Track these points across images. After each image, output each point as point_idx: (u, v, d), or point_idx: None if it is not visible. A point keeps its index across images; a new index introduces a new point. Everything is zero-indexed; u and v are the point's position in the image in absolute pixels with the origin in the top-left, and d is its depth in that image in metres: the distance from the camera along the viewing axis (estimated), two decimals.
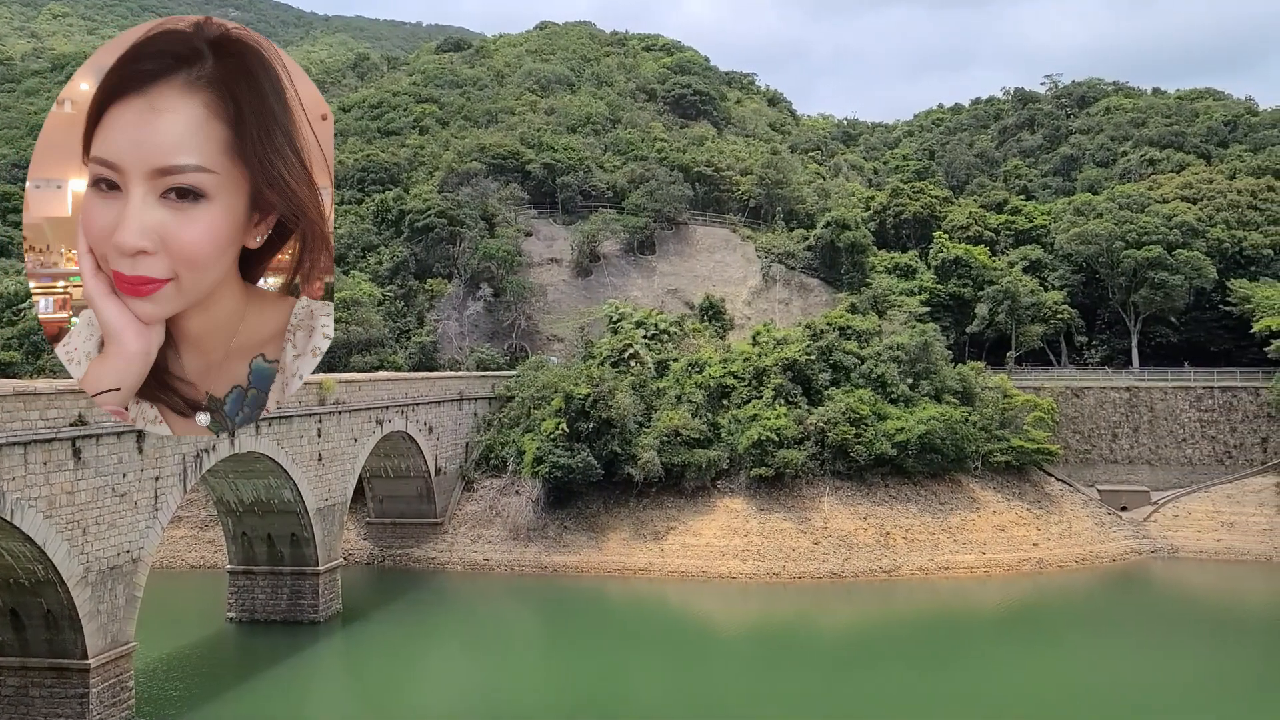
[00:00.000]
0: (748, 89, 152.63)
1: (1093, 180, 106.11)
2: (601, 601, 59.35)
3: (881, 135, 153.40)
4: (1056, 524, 69.06)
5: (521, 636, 54.82)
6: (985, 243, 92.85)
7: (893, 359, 73.75)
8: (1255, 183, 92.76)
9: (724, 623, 56.91)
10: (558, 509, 67.23)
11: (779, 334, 77.84)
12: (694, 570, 62.56)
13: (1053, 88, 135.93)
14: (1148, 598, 62.48)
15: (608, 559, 64.07)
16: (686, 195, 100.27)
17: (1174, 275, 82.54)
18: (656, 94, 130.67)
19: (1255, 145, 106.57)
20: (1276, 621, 58.82)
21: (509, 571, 64.29)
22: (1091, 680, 45.71)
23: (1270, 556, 67.41)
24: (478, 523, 68.24)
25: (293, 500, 50.47)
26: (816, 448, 68.02)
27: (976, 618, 57.52)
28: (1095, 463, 77.60)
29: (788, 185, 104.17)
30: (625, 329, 79.76)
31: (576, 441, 66.00)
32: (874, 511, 66.42)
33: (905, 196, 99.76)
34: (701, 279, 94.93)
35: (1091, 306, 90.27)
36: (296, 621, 51.63)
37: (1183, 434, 77.32)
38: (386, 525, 68.22)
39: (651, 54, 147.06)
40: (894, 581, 61.75)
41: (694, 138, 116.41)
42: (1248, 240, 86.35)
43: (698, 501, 67.12)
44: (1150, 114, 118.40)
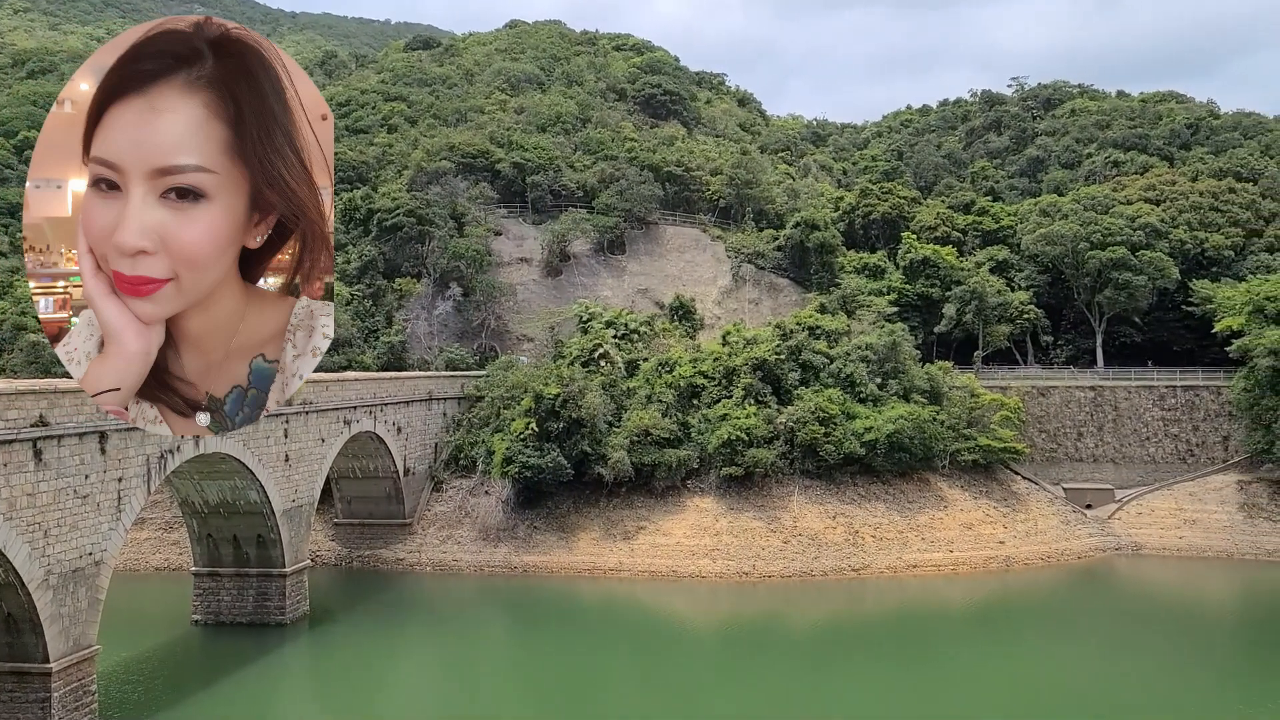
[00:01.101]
0: (718, 89, 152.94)
1: (1058, 182, 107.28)
2: (572, 602, 59.23)
3: (850, 136, 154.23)
4: (1023, 522, 69.75)
5: (491, 637, 54.59)
6: (953, 243, 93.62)
7: (861, 359, 74.19)
8: (1217, 185, 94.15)
9: (694, 622, 56.97)
10: (528, 509, 67.04)
11: (749, 334, 78.06)
12: (664, 570, 62.59)
13: (1019, 90, 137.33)
14: (1112, 595, 63.24)
15: (578, 559, 63.96)
16: (656, 195, 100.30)
17: (1138, 276, 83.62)
18: (626, 93, 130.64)
19: (1217, 148, 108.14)
20: (1237, 617, 59.79)
21: (479, 572, 64.02)
22: (1057, 677, 46.22)
23: (1231, 553, 68.44)
24: (447, 523, 67.90)
25: (259, 501, 49.97)
26: (786, 447, 68.29)
27: (945, 616, 57.96)
28: (1061, 461, 78.46)
29: (757, 185, 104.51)
30: (595, 329, 79.68)
31: (546, 441, 65.84)
32: (843, 510, 66.76)
33: (874, 197, 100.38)
34: (671, 279, 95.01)
35: (1057, 307, 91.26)
36: (263, 624, 51.11)
37: (1146, 433, 78.35)
38: (355, 526, 67.71)
39: (622, 53, 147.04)
40: (863, 580, 62.09)
41: (664, 137, 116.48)
42: (1209, 241, 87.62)
43: (668, 501, 67.17)
44: (1115, 116, 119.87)
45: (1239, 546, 68.74)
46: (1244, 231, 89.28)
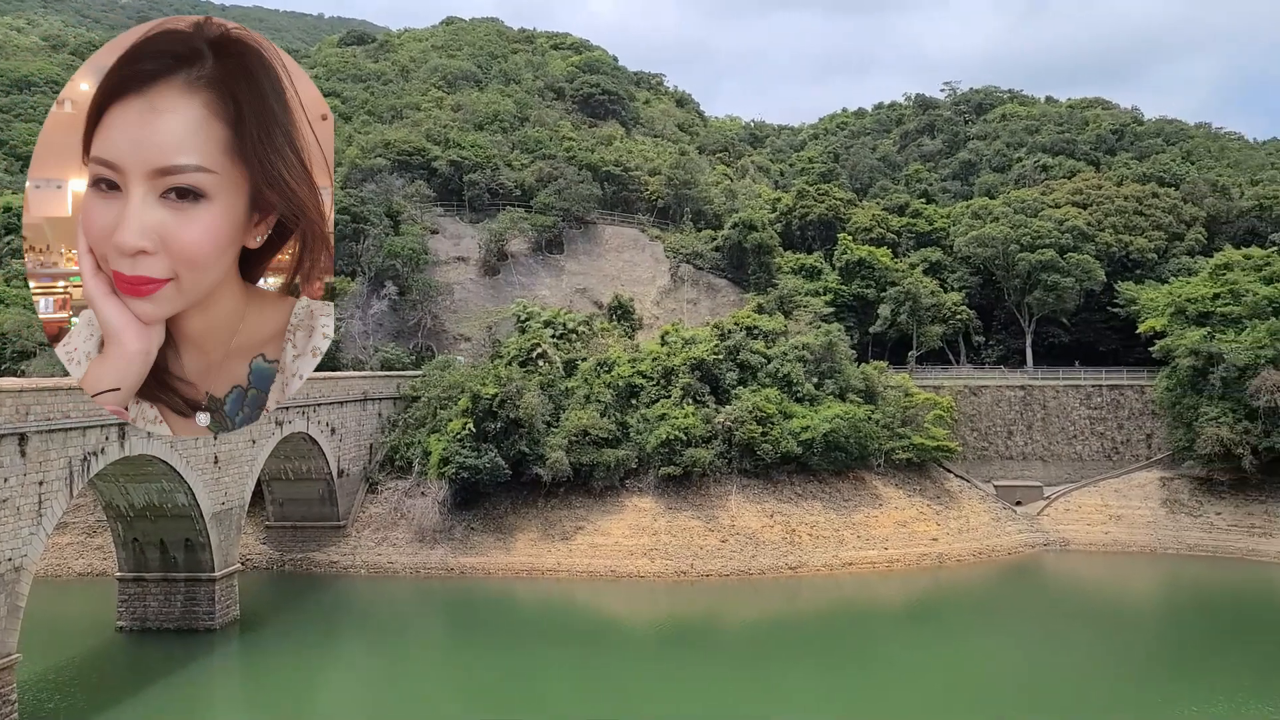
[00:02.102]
0: (656, 89, 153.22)
1: (990, 185, 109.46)
2: (509, 603, 58.81)
3: (788, 138, 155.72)
4: (955, 519, 70.95)
5: (427, 640, 53.95)
6: (888, 244, 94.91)
7: (798, 358, 74.82)
8: (1140, 189, 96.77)
9: (632, 622, 56.94)
10: (465, 510, 66.42)
11: (687, 334, 78.29)
12: (602, 570, 62.46)
13: (951, 94, 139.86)
14: (1041, 590, 64.65)
15: (516, 560, 63.54)
16: (595, 195, 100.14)
17: (1065, 278, 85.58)
18: (565, 92, 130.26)
19: (1140, 153, 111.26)
20: (1160, 611, 61.52)
21: (415, 574, 63.25)
22: (989, 672, 47.12)
23: (1154, 548, 70.36)
24: (382, 525, 66.97)
25: (187, 504, 48.73)
26: (724, 446, 68.60)
27: (880, 613, 58.73)
28: (992, 459, 79.98)
29: (696, 186, 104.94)
30: (533, 328, 79.24)
31: (484, 442, 65.30)
32: (780, 509, 67.25)
33: (810, 199, 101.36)
34: (610, 278, 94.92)
35: (989, 307, 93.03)
36: (191, 629, 49.86)
37: (1073, 431, 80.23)
38: (287, 529, 66.44)
39: (560, 52, 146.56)
40: (800, 578, 62.62)
41: (602, 137, 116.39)
42: (1134, 244, 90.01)
43: (606, 501, 67.04)
44: (1043, 122, 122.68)
45: (1161, 541, 70.70)
46: (1166, 235, 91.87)
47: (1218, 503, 71.31)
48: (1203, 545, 69.27)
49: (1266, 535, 67.99)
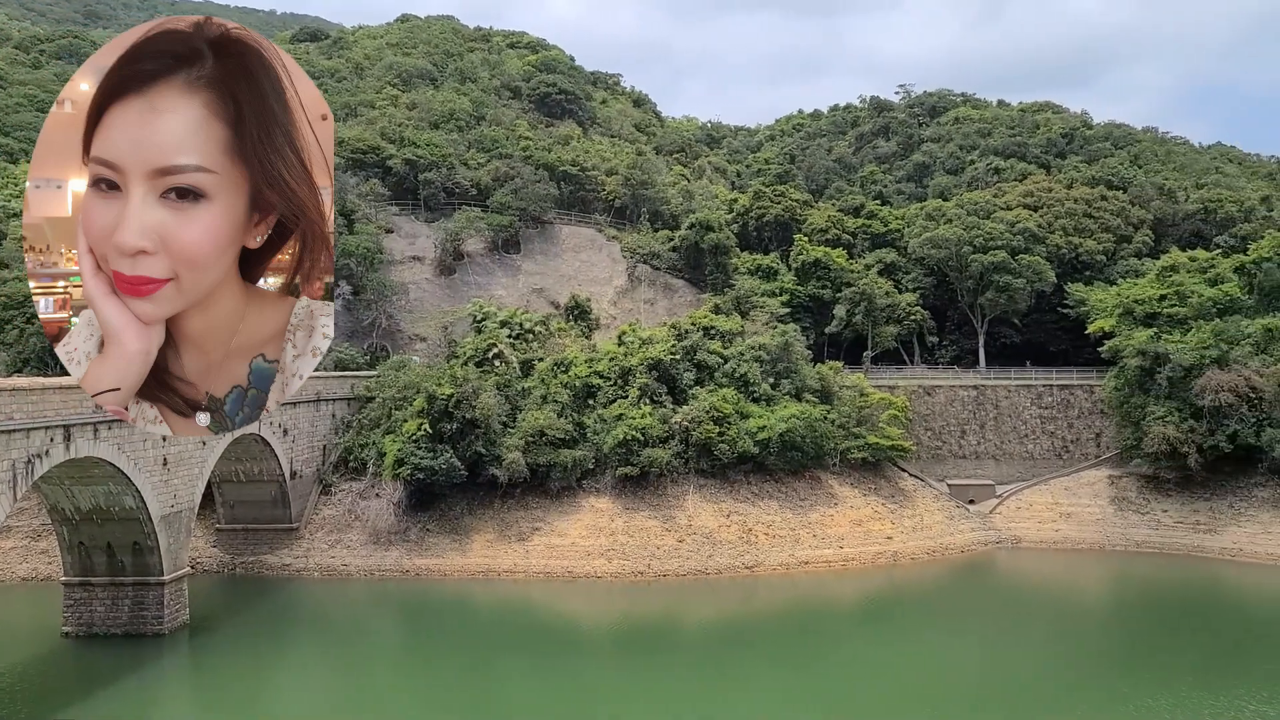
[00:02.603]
0: (613, 89, 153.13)
1: (943, 187, 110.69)
2: (465, 605, 58.40)
3: (744, 139, 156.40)
4: (910, 518, 71.63)
5: (382, 643, 53.37)
6: (843, 245, 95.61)
7: (755, 359, 75.12)
8: (1090, 192, 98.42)
9: (590, 623, 56.79)
10: (420, 511, 65.83)
11: (644, 334, 78.27)
12: (560, 571, 62.24)
13: (906, 97, 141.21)
14: (994, 587, 65.49)
15: (472, 561, 63.11)
16: (552, 194, 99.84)
17: (1017, 279, 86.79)
18: (521, 92, 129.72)
19: (1090, 157, 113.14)
20: (1108, 607, 62.58)
21: (369, 576, 62.58)
22: (942, 670, 47.60)
23: (1103, 545, 71.56)
24: (335, 527, 66.18)
25: (135, 507, 47.78)
26: (681, 446, 68.65)
27: (835, 611, 59.13)
28: (945, 458, 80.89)
29: (653, 186, 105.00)
30: (490, 328, 78.77)
31: (439, 443, 64.76)
32: (737, 509, 67.46)
33: (767, 199, 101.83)
34: (567, 278, 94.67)
35: (942, 308, 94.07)
36: (139, 634, 48.88)
37: (1025, 430, 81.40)
38: (238, 532, 65.43)
39: (516, 51, 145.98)
40: (756, 577, 62.84)
41: (559, 137, 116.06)
42: (1083, 246, 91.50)
43: (563, 502, 66.81)
44: (995, 125, 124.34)
45: (1110, 539, 71.92)
46: (1115, 237, 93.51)
47: (1164, 500, 72.69)
48: (1150, 542, 70.57)
49: (1211, 532, 69.41)
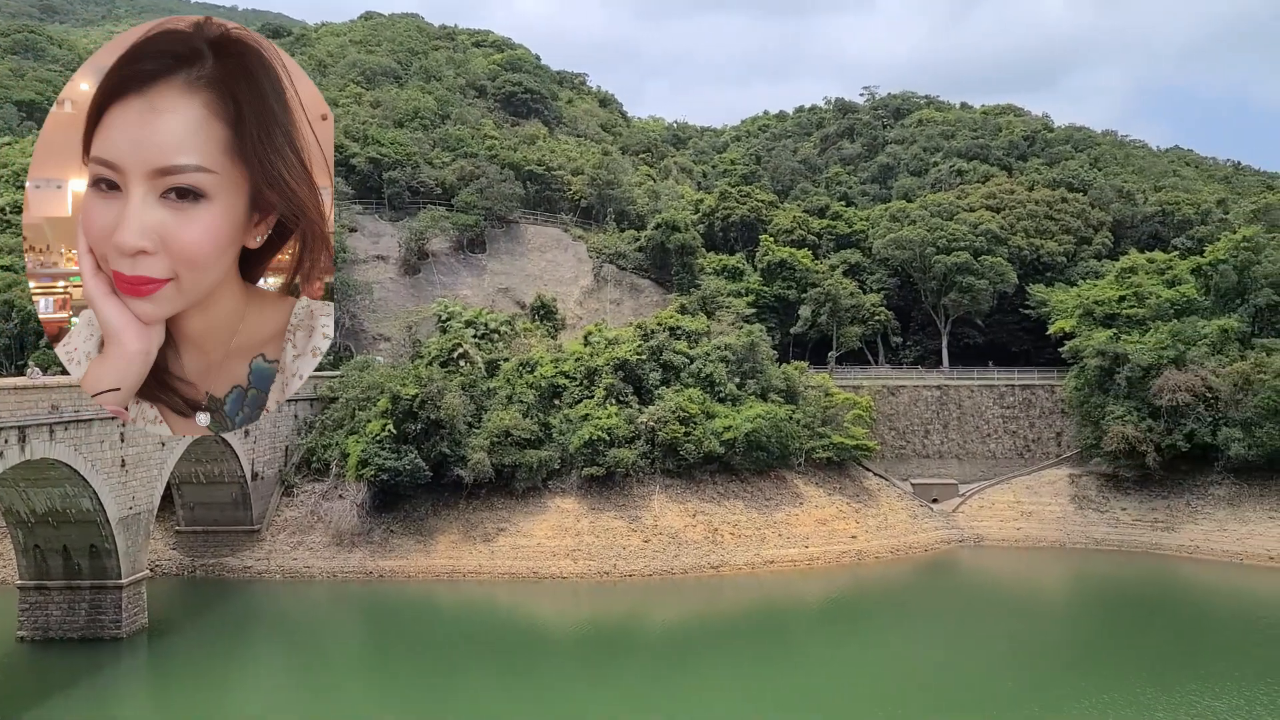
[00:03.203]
0: (579, 89, 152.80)
1: (907, 188, 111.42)
2: (429, 606, 58.02)
3: (710, 139, 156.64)
4: (874, 516, 72.09)
5: (345, 646, 52.92)
6: (808, 246, 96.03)
7: (721, 359, 75.26)
8: (1051, 194, 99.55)
9: (555, 623, 56.63)
10: (384, 513, 65.32)
11: (610, 334, 78.18)
12: (525, 571, 62.01)
13: (870, 99, 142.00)
14: (956, 585, 66.06)
15: (436, 562, 62.71)
16: (518, 194, 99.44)
17: (979, 280, 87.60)
18: (487, 91, 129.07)
19: (1051, 159, 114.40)
20: (1068, 604, 63.37)
21: (332, 579, 61.99)
22: (905, 668, 47.94)
23: (1064, 543, 72.42)
24: (298, 529, 65.50)
25: (92, 509, 47.02)
26: (647, 446, 68.63)
27: (800, 611, 59.36)
28: (909, 457, 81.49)
29: (619, 186, 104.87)
30: (455, 328, 78.31)
31: (404, 443, 64.29)
32: (703, 509, 67.55)
33: (733, 200, 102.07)
34: (533, 278, 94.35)
35: (906, 309, 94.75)
36: (97, 639, 48.12)
37: (987, 429, 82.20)
38: (198, 534, 64.59)
39: (482, 50, 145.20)
40: (722, 577, 62.96)
41: (525, 136, 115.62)
42: (1044, 248, 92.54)
43: (529, 502, 66.57)
44: (958, 127, 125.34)
45: (1070, 536, 72.79)
46: (1075, 239, 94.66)
47: (1123, 499, 73.69)
48: (1109, 540, 71.51)
49: (1169, 530, 70.46)
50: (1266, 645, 48.84)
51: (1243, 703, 40.16)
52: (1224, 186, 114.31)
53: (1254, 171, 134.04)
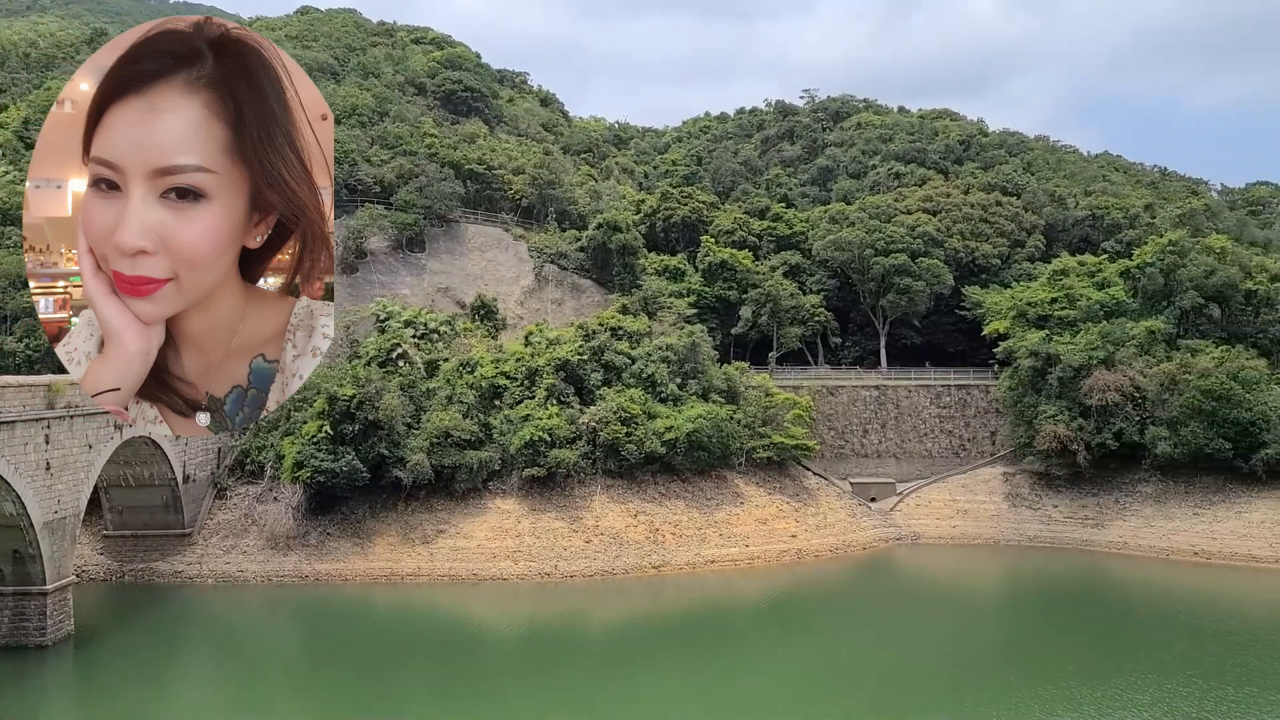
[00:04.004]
0: (520, 88, 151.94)
1: (846, 191, 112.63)
2: (366, 610, 57.21)
3: (652, 140, 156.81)
4: (814, 515, 72.72)
5: (279, 651, 51.93)
6: (749, 247, 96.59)
7: (662, 359, 75.34)
8: (986, 198, 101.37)
9: (495, 625, 56.19)
10: (320, 515, 64.28)
11: (552, 334, 77.84)
12: (464, 573, 61.46)
13: (810, 102, 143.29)
14: (894, 583, 66.92)
15: (374, 565, 61.86)
16: (458, 193, 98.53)
17: (917, 281, 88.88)
18: (426, 88, 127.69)
19: (986, 163, 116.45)
20: (1001, 600, 64.53)
21: (266, 583, 60.82)
22: (844, 665, 48.42)
23: (998, 540, 73.76)
24: (231, 532, 64.17)
25: (15, 513, 45.53)
26: (588, 447, 68.45)
27: (740, 610, 59.62)
28: (848, 457, 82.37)
29: (560, 186, 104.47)
30: (393, 328, 77.34)
31: (341, 444, 63.34)
32: (644, 509, 67.55)
33: (674, 201, 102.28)
34: (473, 278, 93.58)
35: (845, 310, 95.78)
36: (20, 646, 46.60)
37: (924, 429, 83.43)
38: (127, 538, 62.95)
39: (421, 47, 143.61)
40: (663, 577, 63.01)
41: (465, 135, 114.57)
42: (979, 250, 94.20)
43: (469, 503, 66.00)
44: (896, 131, 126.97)
45: (1004, 534, 74.17)
46: (1009, 242, 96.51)
47: (1055, 496, 75.28)
48: (1041, 537, 73.00)
49: (1098, 526, 72.12)
50: (1186, 639, 50.22)
51: (1163, 695, 41.36)
52: (1151, 192, 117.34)
53: (1180, 177, 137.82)
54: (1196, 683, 42.72)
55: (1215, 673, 44.05)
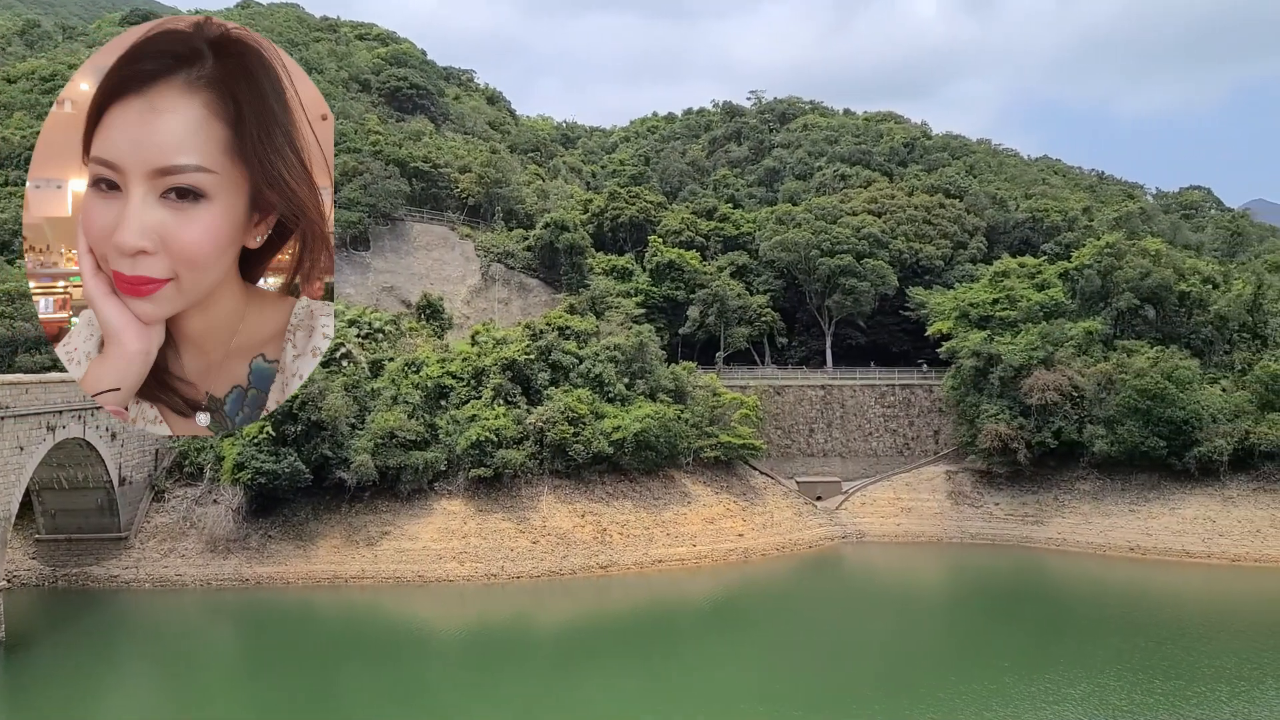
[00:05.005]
0: (466, 86, 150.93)
1: (793, 192, 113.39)
2: (309, 613, 56.34)
3: (599, 139, 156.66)
4: (760, 514, 73.06)
5: (218, 657, 50.91)
6: (697, 248, 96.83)
7: (610, 359, 75.18)
8: (929, 200, 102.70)
9: (440, 627, 55.64)
10: (261, 517, 63.16)
11: (499, 334, 77.32)
12: (410, 575, 60.77)
13: (757, 103, 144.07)
14: (839, 580, 67.54)
15: (317, 568, 60.91)
16: (403, 191, 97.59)
17: (862, 282, 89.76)
18: (371, 85, 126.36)
19: (929, 166, 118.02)
20: (944, 596, 65.36)
21: (205, 586, 59.60)
22: (790, 663, 48.65)
23: (941, 537, 74.73)
24: (169, 535, 62.78)
25: None
26: (536, 447, 68.08)
27: (687, 609, 59.74)
28: (795, 456, 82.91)
29: (507, 185, 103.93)
30: (337, 327, 76.22)
31: (283, 445, 62.28)
32: (592, 509, 67.36)
33: (622, 201, 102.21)
34: (419, 277, 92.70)
35: (791, 310, 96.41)
36: None
37: (869, 428, 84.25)
38: (60, 542, 61.30)
39: (365, 43, 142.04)
40: (610, 577, 62.88)
41: (411, 132, 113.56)
42: (923, 251, 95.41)
43: (414, 504, 65.29)
44: (842, 133, 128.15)
45: (947, 531, 75.17)
46: (952, 243, 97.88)
47: (996, 494, 76.45)
48: (983, 534, 74.09)
49: (1038, 523, 73.37)
50: (1118, 634, 51.18)
51: (1094, 689, 42.25)
52: (1089, 195, 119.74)
53: (1116, 181, 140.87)
54: (1126, 676, 43.69)
55: (1145, 666, 45.08)
